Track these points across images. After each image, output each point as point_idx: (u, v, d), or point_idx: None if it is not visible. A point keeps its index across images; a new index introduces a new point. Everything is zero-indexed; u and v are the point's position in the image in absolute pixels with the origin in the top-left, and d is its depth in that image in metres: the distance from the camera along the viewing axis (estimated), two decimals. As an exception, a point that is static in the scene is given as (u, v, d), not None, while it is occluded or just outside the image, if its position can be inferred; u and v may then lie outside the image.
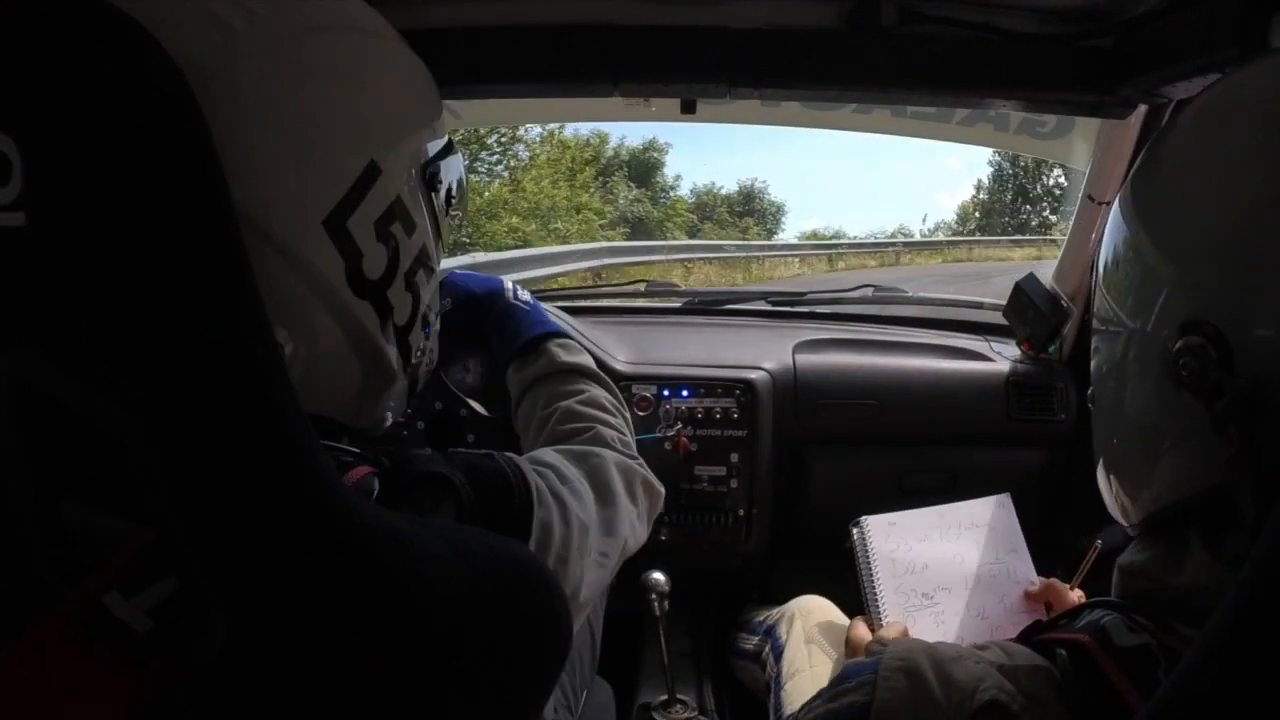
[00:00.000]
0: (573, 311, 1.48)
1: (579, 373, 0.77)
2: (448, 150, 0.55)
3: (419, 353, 0.56)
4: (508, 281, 0.89)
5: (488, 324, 0.87)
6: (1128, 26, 0.84)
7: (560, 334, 0.82)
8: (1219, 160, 0.45)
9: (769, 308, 1.69)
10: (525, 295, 0.88)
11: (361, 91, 0.47)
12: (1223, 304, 0.41)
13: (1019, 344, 1.41)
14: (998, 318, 1.49)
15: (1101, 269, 0.54)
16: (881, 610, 0.87)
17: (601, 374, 0.78)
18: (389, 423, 0.57)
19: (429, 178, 0.53)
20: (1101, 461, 0.55)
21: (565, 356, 0.78)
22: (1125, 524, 0.53)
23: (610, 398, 0.76)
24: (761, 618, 1.16)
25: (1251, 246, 0.41)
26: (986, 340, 1.55)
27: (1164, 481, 0.47)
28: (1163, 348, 0.44)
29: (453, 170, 0.56)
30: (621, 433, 0.73)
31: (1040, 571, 0.93)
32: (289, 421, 0.36)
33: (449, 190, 0.56)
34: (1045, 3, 0.87)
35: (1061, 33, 0.88)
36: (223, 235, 0.35)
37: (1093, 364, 0.56)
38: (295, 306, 0.44)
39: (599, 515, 0.61)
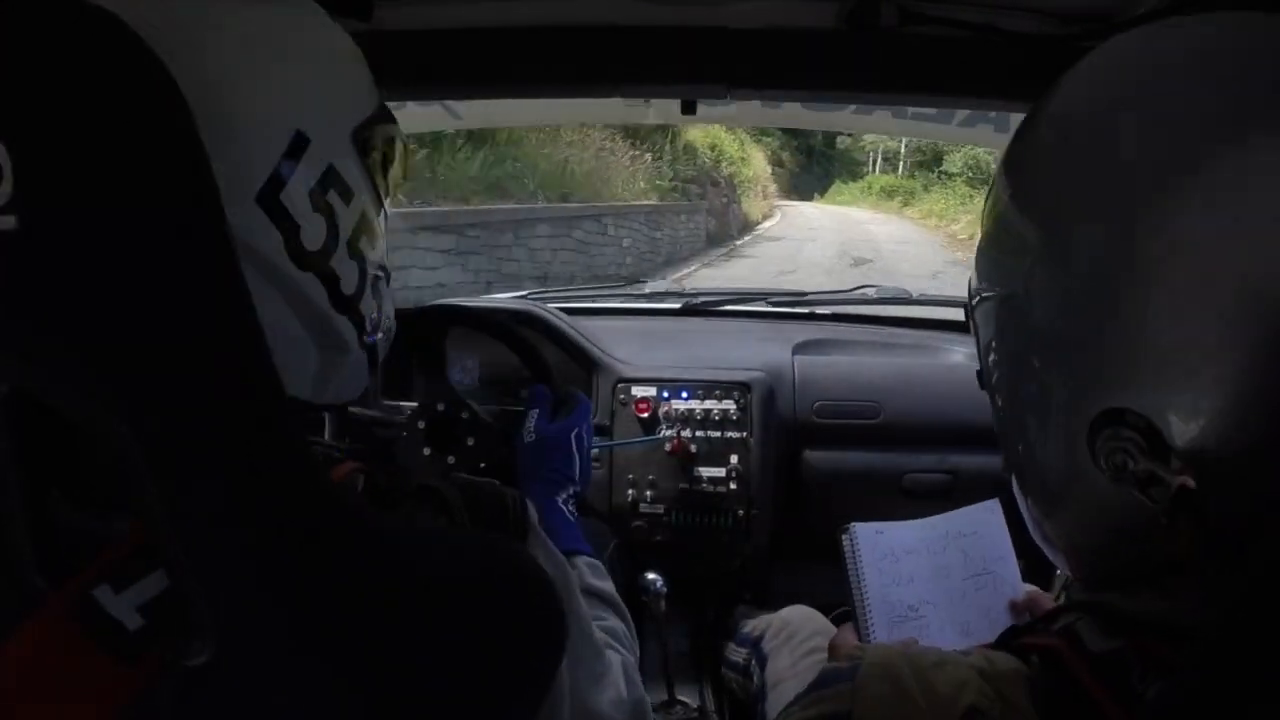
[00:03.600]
0: (573, 312, 1.48)
1: (602, 599, 0.76)
2: (381, 115, 0.54)
3: (372, 321, 0.55)
4: (571, 487, 0.87)
5: (526, 489, 0.84)
6: (1127, 27, 0.84)
7: (591, 556, 0.81)
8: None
9: (769, 308, 1.69)
10: (573, 506, 0.87)
11: (279, 60, 0.46)
12: (1144, 385, 0.37)
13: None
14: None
15: (987, 268, 0.49)
16: (870, 619, 0.87)
17: (622, 605, 0.77)
18: (353, 395, 0.57)
19: (362, 143, 0.52)
20: (1028, 500, 0.50)
21: (592, 579, 0.77)
22: (1067, 573, 0.50)
23: (626, 632, 0.74)
24: (749, 628, 1.16)
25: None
26: None
27: (1105, 552, 0.45)
28: (1082, 434, 0.39)
29: (386, 133, 0.55)
30: (631, 672, 0.71)
31: (1038, 576, 0.93)
32: (280, 421, 0.36)
33: (384, 154, 0.55)
34: (1045, 3, 0.87)
35: (1061, 33, 0.88)
36: (213, 236, 0.35)
37: (985, 371, 0.51)
38: None
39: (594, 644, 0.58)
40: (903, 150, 25.54)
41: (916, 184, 23.19)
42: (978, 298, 0.51)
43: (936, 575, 0.90)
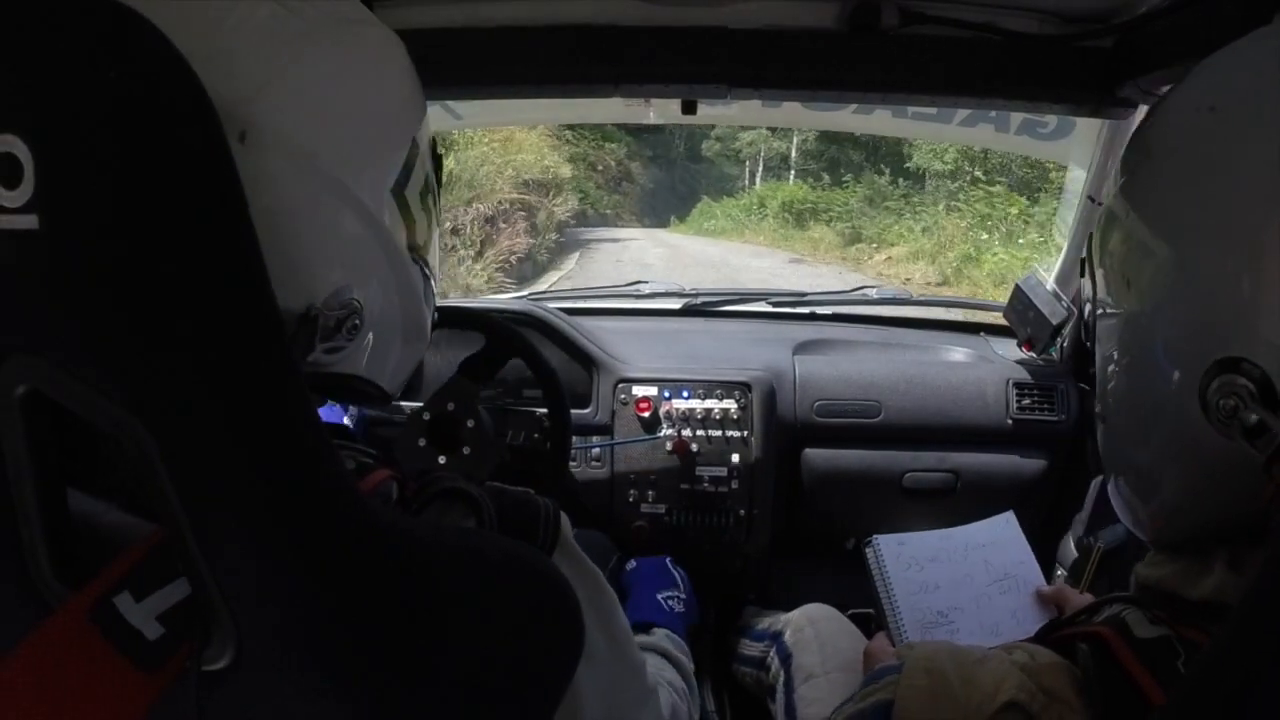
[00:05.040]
0: (573, 312, 1.48)
1: (668, 658, 0.80)
2: (434, 135, 0.59)
3: (432, 320, 0.60)
4: (674, 590, 1.01)
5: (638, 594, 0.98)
6: (1128, 26, 0.84)
7: (671, 629, 0.88)
8: (1234, 168, 0.42)
9: (769, 308, 1.69)
10: (675, 604, 0.98)
11: (395, 74, 0.51)
12: (1263, 338, 0.39)
13: (1019, 344, 1.41)
14: (998, 318, 1.49)
15: (1105, 284, 0.51)
16: (902, 626, 0.87)
17: (689, 671, 0.80)
18: (399, 390, 0.59)
19: (436, 156, 0.57)
20: (1120, 481, 0.53)
21: (668, 645, 0.81)
22: (1146, 540, 0.52)
23: (685, 689, 0.76)
24: (765, 624, 1.16)
25: None
26: (987, 340, 1.55)
27: (1193, 509, 0.46)
28: (1195, 381, 0.41)
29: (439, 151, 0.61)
30: (680, 715, 0.71)
31: (1043, 569, 0.93)
32: (304, 424, 0.36)
33: (440, 170, 0.60)
34: (1045, 3, 0.87)
35: (1062, 33, 0.88)
36: (237, 238, 0.34)
37: (1099, 379, 0.53)
38: (373, 270, 0.47)
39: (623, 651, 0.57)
40: (793, 153, 16.57)
41: (850, 195, 13.31)
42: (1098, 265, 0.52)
43: (961, 582, 0.91)
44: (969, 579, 0.91)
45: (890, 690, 0.48)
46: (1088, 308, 0.56)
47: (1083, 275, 0.57)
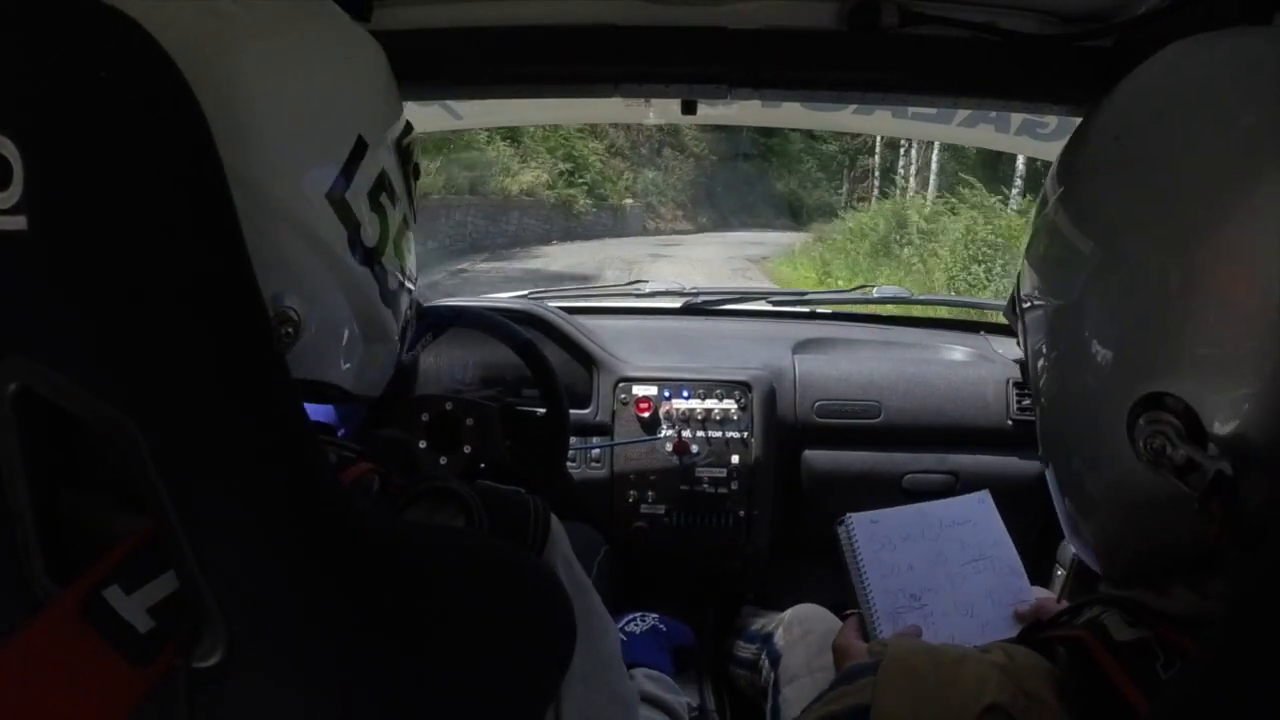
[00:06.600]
0: (573, 311, 1.48)
1: (661, 707, 0.77)
2: (409, 128, 0.58)
3: (404, 317, 0.59)
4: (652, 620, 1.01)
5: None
6: (1128, 26, 0.84)
7: (657, 669, 0.86)
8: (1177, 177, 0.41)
9: (769, 308, 1.69)
10: (639, 629, 0.99)
11: (347, 71, 0.50)
12: (1182, 371, 0.38)
13: (1019, 344, 1.41)
14: (998, 318, 1.49)
15: (1036, 287, 0.50)
16: (874, 609, 0.87)
17: (683, 713, 0.79)
18: (378, 391, 0.59)
19: (403, 150, 0.56)
20: (1065, 500, 0.51)
21: (651, 688, 0.78)
22: (1096, 569, 0.51)
23: None
24: (758, 626, 1.16)
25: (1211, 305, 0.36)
26: (987, 339, 1.55)
27: (1137, 539, 0.45)
28: (1122, 419, 0.40)
29: (416, 145, 0.59)
30: None
31: (1040, 577, 0.93)
32: (290, 420, 0.36)
33: (416, 164, 0.59)
34: (1045, 3, 0.87)
35: (1061, 33, 0.88)
36: (224, 237, 0.35)
37: (1031, 377, 0.52)
38: (308, 277, 0.46)
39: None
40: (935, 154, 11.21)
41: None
42: (1029, 303, 0.52)
43: (935, 561, 0.90)
44: (943, 558, 0.90)
45: (866, 693, 0.47)
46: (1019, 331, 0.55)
47: (1014, 310, 0.57)
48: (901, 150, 13.08)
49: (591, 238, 12.48)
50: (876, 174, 14.69)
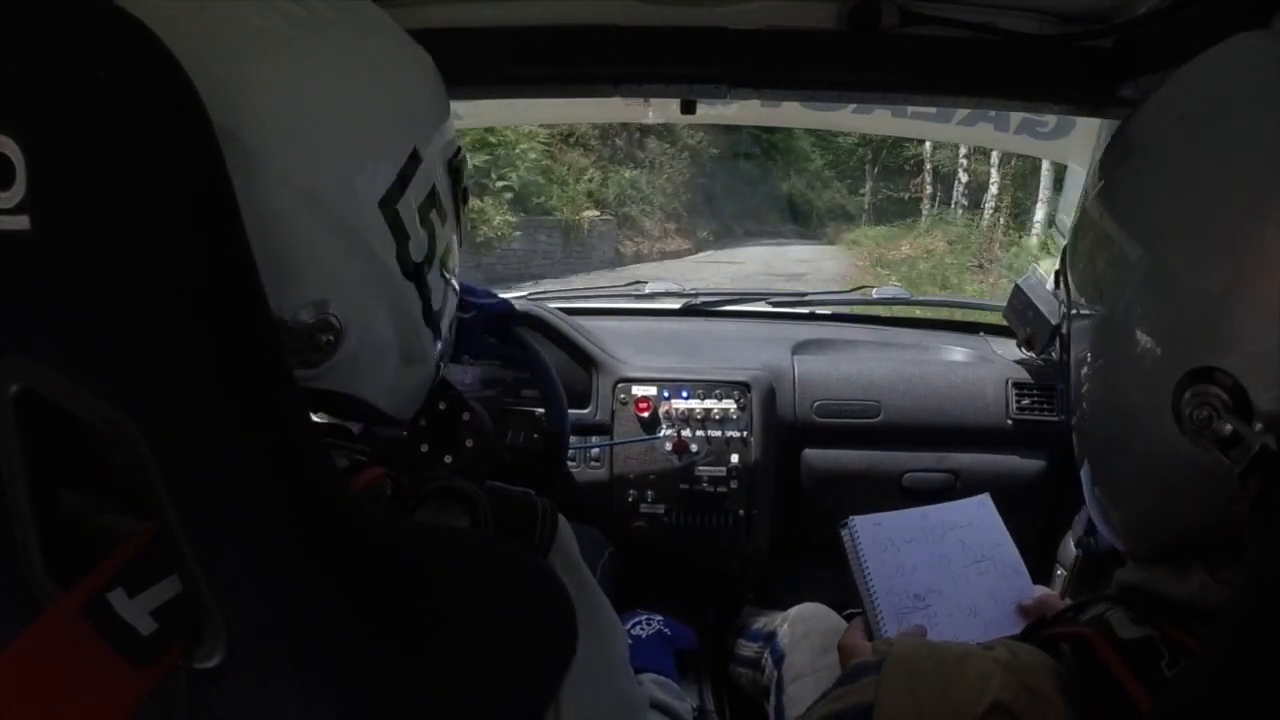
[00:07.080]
0: (572, 312, 1.48)
1: (670, 714, 0.75)
2: (460, 150, 0.57)
3: (445, 341, 0.57)
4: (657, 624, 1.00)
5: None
6: (1128, 26, 0.84)
7: (663, 674, 0.85)
8: (1218, 168, 0.42)
9: (769, 308, 1.69)
10: (644, 633, 0.97)
11: (403, 82, 0.50)
12: (1235, 346, 0.38)
13: (1019, 344, 1.41)
14: (998, 318, 1.49)
15: (1078, 289, 0.51)
16: (879, 610, 0.87)
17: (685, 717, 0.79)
18: (410, 415, 0.58)
19: (454, 170, 0.55)
20: (1096, 490, 0.52)
21: (660, 695, 0.77)
22: (1123, 549, 0.51)
23: None
24: (761, 624, 1.16)
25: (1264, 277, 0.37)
26: (986, 340, 1.55)
27: (1165, 518, 0.46)
28: (1168, 391, 0.41)
29: (467, 168, 0.58)
30: None
31: (1041, 576, 0.93)
32: (294, 423, 0.36)
33: (466, 188, 0.58)
34: (1045, 3, 0.87)
35: (1061, 33, 0.88)
36: (226, 237, 0.35)
37: (1072, 384, 0.53)
38: (353, 286, 0.46)
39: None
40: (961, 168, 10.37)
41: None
42: (1075, 310, 0.52)
43: (938, 563, 0.91)
44: (945, 560, 0.91)
45: (869, 692, 0.47)
46: (1061, 310, 0.55)
47: (1057, 285, 0.57)
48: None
49: (522, 278, 6.87)
50: (929, 165, 11.77)
